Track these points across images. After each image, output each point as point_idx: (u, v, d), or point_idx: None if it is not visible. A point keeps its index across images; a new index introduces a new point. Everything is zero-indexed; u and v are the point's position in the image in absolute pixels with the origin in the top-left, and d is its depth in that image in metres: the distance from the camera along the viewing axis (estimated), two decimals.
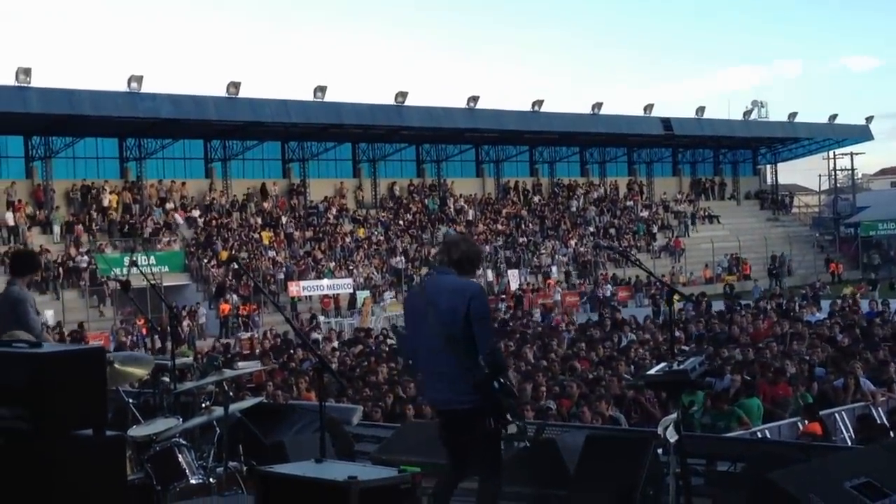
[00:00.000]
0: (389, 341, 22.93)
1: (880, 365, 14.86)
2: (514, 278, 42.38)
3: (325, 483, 4.44)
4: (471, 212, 48.02)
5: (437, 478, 6.10)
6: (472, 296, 5.90)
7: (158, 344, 22.40)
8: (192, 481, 6.21)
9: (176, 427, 6.52)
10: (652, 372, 6.76)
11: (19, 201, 36.84)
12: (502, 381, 5.91)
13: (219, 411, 6.49)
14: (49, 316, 30.90)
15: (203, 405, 7.00)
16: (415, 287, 6.30)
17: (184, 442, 6.45)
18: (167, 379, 7.87)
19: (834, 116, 58.30)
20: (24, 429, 4.17)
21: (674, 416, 6.38)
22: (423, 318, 5.93)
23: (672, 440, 6.22)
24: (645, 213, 53.68)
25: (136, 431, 6.61)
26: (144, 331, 28.89)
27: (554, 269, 44.99)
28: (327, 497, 4.42)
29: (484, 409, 5.81)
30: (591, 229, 49.93)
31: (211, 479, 6.24)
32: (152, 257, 35.27)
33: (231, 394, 7.70)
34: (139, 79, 36.37)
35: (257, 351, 24.04)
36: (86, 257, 35.51)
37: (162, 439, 6.43)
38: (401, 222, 45.53)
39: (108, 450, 4.41)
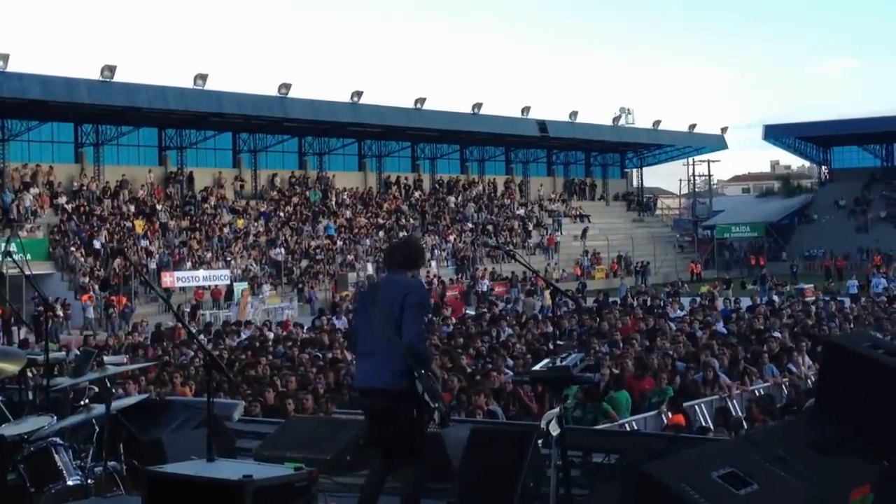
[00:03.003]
0: (269, 335, 22.65)
1: (734, 360, 15.50)
2: None
3: (218, 483, 4.30)
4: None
5: (366, 477, 6.07)
6: (410, 290, 6.29)
7: (20, 337, 21.57)
8: (70, 483, 5.93)
9: (51, 426, 6.21)
10: (537, 367, 6.89)
11: None
12: (424, 370, 6.07)
13: (99, 409, 6.23)
14: None
15: (83, 402, 6.69)
16: (365, 284, 6.68)
17: (60, 441, 6.14)
18: (34, 374, 7.52)
19: (693, 126, 62.28)
20: None
21: (556, 410, 6.49)
22: (368, 307, 6.30)
23: (554, 433, 6.33)
24: (521, 211, 54.86)
25: (6, 430, 6.28)
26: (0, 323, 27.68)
27: (433, 263, 45.23)
28: (220, 497, 4.28)
29: (411, 393, 6.01)
30: (470, 226, 50.58)
31: (89, 481, 5.98)
32: (13, 245, 33.74)
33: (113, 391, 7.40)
34: (5, 57, 34.98)
35: (126, 345, 23.24)
36: None
37: (35, 438, 6.11)
38: (281, 214, 44.99)
39: None
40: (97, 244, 36.80)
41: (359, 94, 45.42)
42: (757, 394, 14.13)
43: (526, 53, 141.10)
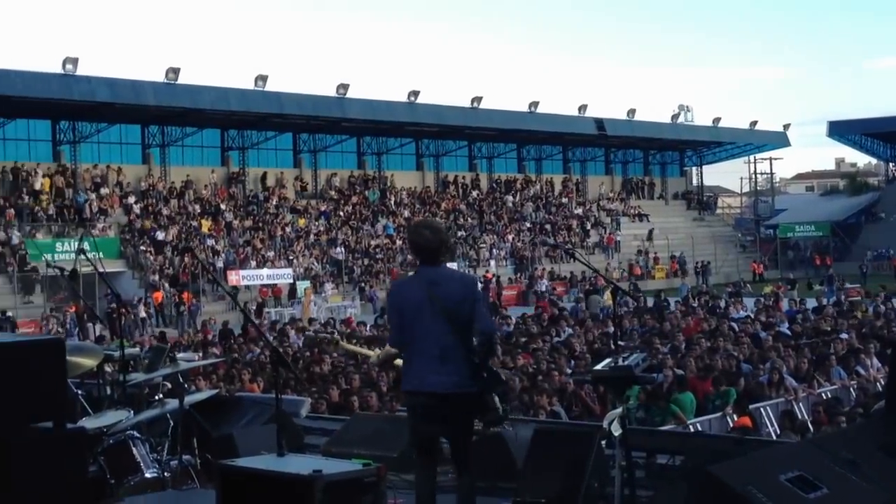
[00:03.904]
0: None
1: (801, 362, 15.28)
2: None
3: (288, 477, 4.39)
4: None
5: (416, 473, 6.09)
6: (473, 282, 6.28)
7: (95, 333, 22.09)
8: (147, 475, 6.10)
9: (128, 420, 6.40)
10: (598, 367, 6.90)
11: None
12: (492, 368, 6.03)
13: (173, 404, 6.40)
14: None
15: (157, 397, 6.87)
16: (404, 279, 6.32)
17: (138, 435, 6.32)
18: (110, 370, 7.70)
19: (754, 123, 61.25)
20: None
21: (619, 410, 6.50)
22: (424, 306, 5.89)
23: (617, 434, 6.34)
24: (579, 210, 54.58)
25: (86, 423, 6.47)
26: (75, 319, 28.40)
27: (492, 262, 45.30)
28: (290, 492, 4.37)
29: (480, 394, 5.92)
30: (528, 225, 50.50)
31: (165, 473, 6.14)
32: (86, 243, 34.52)
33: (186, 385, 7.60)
34: (75, 61, 35.71)
35: (195, 341, 23.67)
36: (15, 241, 34.59)
37: (114, 432, 6.29)
38: (341, 213, 45.35)
39: (69, 443, 4.33)
40: (165, 243, 37.47)
41: (416, 93, 45.67)
42: (824, 396, 13.93)
43: (583, 52, 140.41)
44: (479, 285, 6.55)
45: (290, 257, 39.93)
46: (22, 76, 35.00)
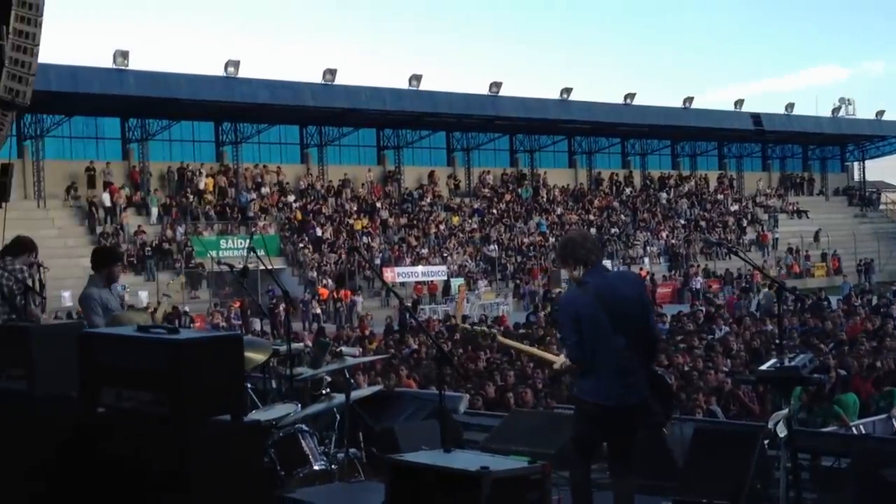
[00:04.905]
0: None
1: None
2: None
3: (456, 473, 4.45)
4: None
5: (573, 471, 6.11)
6: (642, 282, 6.33)
7: (261, 327, 22.91)
8: (316, 467, 6.26)
9: (296, 413, 6.59)
10: (763, 367, 6.77)
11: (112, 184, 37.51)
12: (657, 372, 6.06)
13: (339, 398, 6.57)
14: (143, 297, 31.58)
15: (324, 391, 7.07)
16: (573, 291, 6.18)
17: (307, 428, 6.49)
18: (274, 364, 7.95)
19: None
20: (163, 413, 4.24)
21: (785, 411, 6.37)
22: (600, 315, 5.83)
23: (782, 435, 6.21)
24: (735, 207, 53.27)
25: (255, 417, 6.70)
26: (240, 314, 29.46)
27: (646, 260, 44.69)
28: (457, 487, 4.41)
29: (652, 402, 5.92)
30: (682, 222, 49.58)
31: (333, 466, 6.31)
32: (247, 241, 35.81)
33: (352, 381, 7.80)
34: (236, 64, 37.05)
35: (353, 337, 24.23)
36: (181, 239, 36.13)
37: (283, 425, 6.47)
38: (494, 211, 45.57)
39: (246, 436, 4.47)
40: (323, 240, 38.48)
41: (568, 90, 45.53)
42: None
43: (739, 46, 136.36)
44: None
45: (444, 254, 40.38)
46: (187, 80, 36.52)
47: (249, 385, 7.56)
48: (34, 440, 4.75)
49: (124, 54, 34.71)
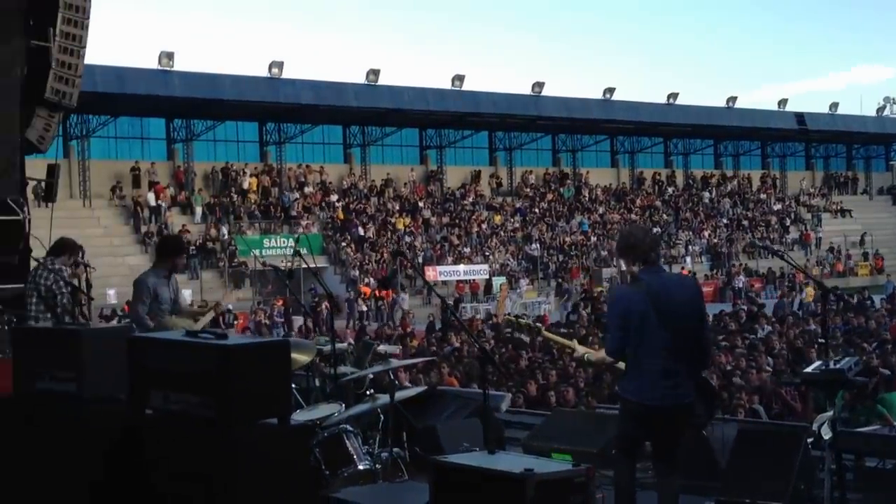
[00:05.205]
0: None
1: None
2: None
3: (500, 474, 4.46)
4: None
5: (617, 469, 6.10)
6: (699, 289, 6.07)
7: (304, 326, 23.03)
8: (360, 467, 6.27)
9: (340, 413, 6.61)
10: (809, 369, 6.74)
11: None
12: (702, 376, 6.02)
13: (384, 398, 6.59)
14: (187, 295, 31.81)
15: (369, 391, 7.10)
16: (628, 286, 6.13)
17: (351, 428, 6.50)
18: (317, 363, 7.97)
19: None
20: (211, 416, 4.31)
21: (829, 413, 6.33)
22: (650, 315, 5.74)
23: (827, 437, 6.18)
24: (778, 207, 52.76)
25: (300, 416, 6.74)
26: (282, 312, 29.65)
27: (688, 259, 44.40)
28: (501, 489, 4.43)
29: (696, 403, 5.91)
30: (724, 221, 49.20)
31: (377, 465, 6.33)
32: (291, 240, 36.06)
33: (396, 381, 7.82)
34: (280, 65, 37.26)
35: (395, 336, 24.29)
36: (225, 238, 36.41)
37: (327, 425, 6.49)
38: (536, 210, 45.48)
39: (293, 439, 4.54)
40: (365, 239, 38.62)
41: (611, 90, 45.37)
42: None
43: (782, 46, 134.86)
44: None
45: (486, 253, 40.36)
46: (232, 80, 36.81)
47: (294, 385, 7.62)
48: (82, 442, 4.83)
49: (169, 55, 35.03)
